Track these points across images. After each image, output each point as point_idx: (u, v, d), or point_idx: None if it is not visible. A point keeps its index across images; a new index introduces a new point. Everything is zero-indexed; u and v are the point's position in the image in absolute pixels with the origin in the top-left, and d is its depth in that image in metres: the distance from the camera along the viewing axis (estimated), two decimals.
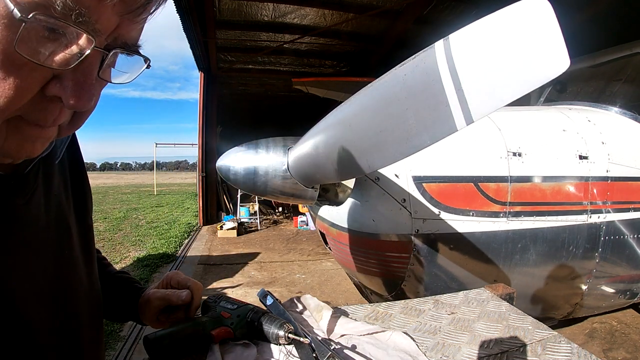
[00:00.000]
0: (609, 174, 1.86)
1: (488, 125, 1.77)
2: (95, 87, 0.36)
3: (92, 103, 0.37)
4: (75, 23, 0.30)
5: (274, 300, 0.89)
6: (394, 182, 1.62)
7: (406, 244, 1.63)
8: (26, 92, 0.33)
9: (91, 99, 0.36)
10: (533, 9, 0.80)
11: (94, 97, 0.37)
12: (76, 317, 0.53)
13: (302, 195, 1.53)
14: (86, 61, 0.33)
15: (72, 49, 0.32)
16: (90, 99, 0.36)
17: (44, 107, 0.35)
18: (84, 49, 0.32)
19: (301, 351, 0.72)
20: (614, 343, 2.61)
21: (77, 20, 0.30)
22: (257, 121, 11.93)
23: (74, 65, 0.33)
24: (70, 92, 0.34)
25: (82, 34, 0.31)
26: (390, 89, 0.99)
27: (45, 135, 0.39)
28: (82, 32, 0.31)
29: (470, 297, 1.07)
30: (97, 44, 0.33)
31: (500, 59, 0.85)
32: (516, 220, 1.71)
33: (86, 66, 0.34)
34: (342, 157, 1.19)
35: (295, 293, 3.87)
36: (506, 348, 0.79)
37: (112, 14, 0.32)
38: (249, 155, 1.51)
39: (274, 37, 5.97)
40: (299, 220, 7.37)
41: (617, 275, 2.04)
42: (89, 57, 0.33)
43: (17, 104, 0.33)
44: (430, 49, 0.91)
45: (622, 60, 2.44)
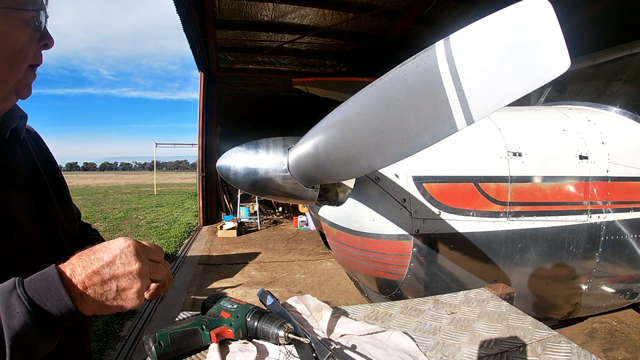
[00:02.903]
0: (609, 174, 1.86)
1: (488, 125, 1.77)
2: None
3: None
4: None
5: (274, 300, 0.89)
6: (394, 182, 1.62)
7: (406, 244, 1.63)
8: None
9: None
10: (533, 9, 0.80)
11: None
12: (57, 234, 0.73)
13: (302, 195, 1.53)
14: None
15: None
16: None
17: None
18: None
19: (301, 351, 0.72)
20: (614, 343, 2.61)
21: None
22: (257, 121, 11.95)
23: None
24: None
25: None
26: (390, 89, 0.99)
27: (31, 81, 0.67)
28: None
29: (470, 297, 1.07)
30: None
31: (500, 59, 0.85)
32: (516, 220, 1.71)
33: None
34: (342, 157, 1.19)
35: (295, 293, 3.87)
36: (506, 348, 0.79)
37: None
38: (249, 155, 1.51)
39: (274, 37, 5.97)
40: (299, 220, 7.37)
41: (617, 275, 2.04)
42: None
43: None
44: (431, 49, 0.91)
45: (622, 60, 2.44)
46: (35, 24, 0.62)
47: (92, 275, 0.51)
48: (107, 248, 0.54)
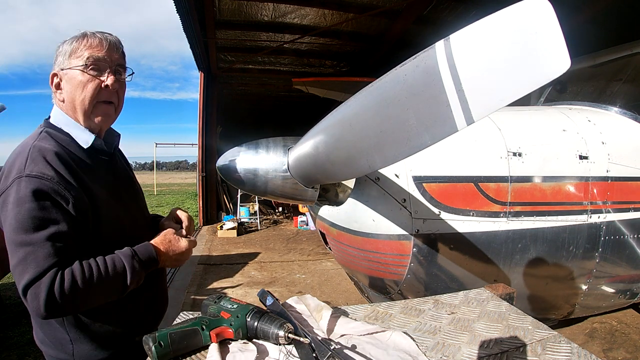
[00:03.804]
0: (609, 174, 1.86)
1: (488, 125, 1.77)
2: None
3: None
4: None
5: (274, 300, 0.89)
6: (394, 182, 1.62)
7: (406, 244, 1.63)
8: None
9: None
10: (534, 10, 0.80)
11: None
12: (141, 214, 1.14)
13: (302, 195, 1.53)
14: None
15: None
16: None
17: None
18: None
19: (301, 351, 0.72)
20: (614, 343, 2.61)
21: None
22: (257, 121, 11.94)
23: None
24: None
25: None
26: (390, 89, 0.99)
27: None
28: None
29: (470, 297, 1.07)
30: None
31: (501, 59, 0.85)
32: (516, 220, 1.71)
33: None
34: (342, 157, 1.19)
35: (295, 293, 3.87)
36: (506, 348, 0.79)
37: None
38: (249, 155, 1.51)
39: (274, 37, 5.97)
40: (299, 220, 7.37)
41: (617, 275, 2.04)
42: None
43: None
44: (431, 49, 0.91)
45: (622, 60, 2.44)
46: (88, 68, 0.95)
47: (166, 248, 0.99)
48: (169, 236, 1.02)
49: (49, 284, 0.78)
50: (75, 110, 0.97)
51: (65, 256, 0.82)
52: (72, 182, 0.88)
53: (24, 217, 0.81)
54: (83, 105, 0.96)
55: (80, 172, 0.91)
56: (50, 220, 0.83)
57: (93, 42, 0.95)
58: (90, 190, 0.91)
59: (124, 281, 0.88)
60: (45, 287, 0.78)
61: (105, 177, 1.00)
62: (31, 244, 0.80)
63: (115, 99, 1.01)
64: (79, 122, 0.98)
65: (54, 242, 0.81)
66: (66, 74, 0.95)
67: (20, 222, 0.81)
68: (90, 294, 0.84)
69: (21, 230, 0.81)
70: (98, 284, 0.83)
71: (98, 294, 0.86)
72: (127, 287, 0.89)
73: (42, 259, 0.79)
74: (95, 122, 0.99)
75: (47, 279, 0.79)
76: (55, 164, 0.87)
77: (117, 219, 0.98)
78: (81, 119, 0.97)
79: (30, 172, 0.84)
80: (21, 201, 0.82)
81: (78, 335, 0.93)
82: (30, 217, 0.81)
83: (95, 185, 0.93)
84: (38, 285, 0.79)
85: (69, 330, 0.93)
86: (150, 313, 1.09)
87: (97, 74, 0.95)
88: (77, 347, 0.94)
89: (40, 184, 0.83)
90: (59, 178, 0.86)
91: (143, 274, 0.92)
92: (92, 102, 0.96)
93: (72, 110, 0.97)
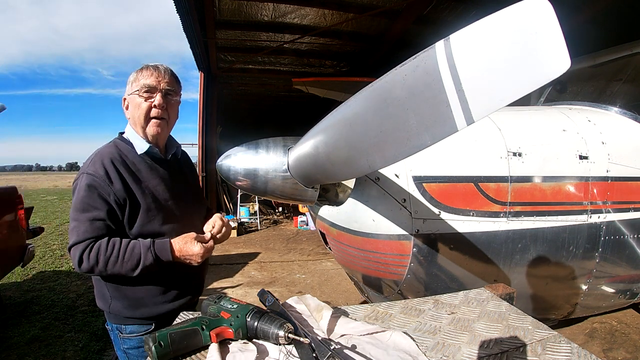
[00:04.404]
0: (609, 174, 1.86)
1: (488, 125, 1.77)
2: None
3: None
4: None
5: (274, 300, 0.89)
6: (394, 182, 1.62)
7: (406, 244, 1.63)
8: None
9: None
10: (534, 10, 0.80)
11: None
12: (185, 216, 1.31)
13: (302, 195, 1.53)
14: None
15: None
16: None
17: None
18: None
19: (301, 351, 0.72)
20: (614, 343, 2.61)
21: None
22: (257, 121, 11.94)
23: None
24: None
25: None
26: (390, 89, 0.99)
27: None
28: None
29: (470, 297, 1.07)
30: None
31: (501, 59, 0.85)
32: (516, 220, 1.71)
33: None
34: (342, 157, 1.19)
35: (295, 293, 3.87)
36: (506, 348, 0.79)
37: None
38: (249, 155, 1.51)
39: (274, 37, 5.97)
40: (299, 220, 7.37)
41: (617, 275, 2.04)
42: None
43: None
44: (431, 49, 0.91)
45: (622, 60, 2.44)
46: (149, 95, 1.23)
47: (180, 248, 1.18)
48: (188, 239, 1.20)
49: (82, 250, 1.10)
50: (136, 125, 1.25)
51: (99, 233, 1.13)
52: (116, 181, 1.15)
53: (78, 200, 1.14)
54: (140, 121, 1.24)
55: (127, 173, 1.19)
56: (93, 206, 1.13)
57: (147, 72, 1.23)
58: (131, 187, 1.18)
59: (136, 265, 1.13)
60: (79, 251, 1.10)
61: (155, 178, 1.26)
62: (78, 220, 1.13)
63: (165, 115, 1.27)
64: (139, 134, 1.26)
65: (92, 222, 1.12)
66: (129, 98, 1.25)
67: (75, 204, 1.15)
68: (109, 265, 1.11)
69: (75, 209, 1.15)
70: (115, 260, 1.12)
71: (114, 267, 1.12)
72: (140, 269, 1.13)
73: (82, 232, 1.12)
74: (150, 134, 1.26)
75: (82, 246, 1.11)
76: (107, 166, 1.16)
77: (160, 210, 1.23)
78: (140, 131, 1.26)
79: (88, 170, 1.16)
80: (80, 189, 1.15)
81: (114, 294, 1.23)
82: (81, 202, 1.13)
83: (139, 183, 1.20)
84: (76, 248, 1.11)
85: (109, 289, 1.23)
86: (177, 293, 1.29)
87: (149, 97, 1.22)
88: (113, 303, 1.23)
89: (92, 180, 1.14)
90: (106, 177, 1.15)
91: (155, 264, 1.14)
92: (146, 119, 1.24)
93: (134, 125, 1.26)
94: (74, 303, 3.64)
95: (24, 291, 3.99)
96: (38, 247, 5.79)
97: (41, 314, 3.39)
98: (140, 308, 1.23)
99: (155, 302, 1.24)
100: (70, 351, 2.72)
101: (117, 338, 1.26)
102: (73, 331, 3.04)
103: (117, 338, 1.26)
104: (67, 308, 3.51)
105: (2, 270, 3.08)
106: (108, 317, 1.28)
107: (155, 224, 1.21)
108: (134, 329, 1.24)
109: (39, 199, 14.72)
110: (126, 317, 1.24)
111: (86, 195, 1.13)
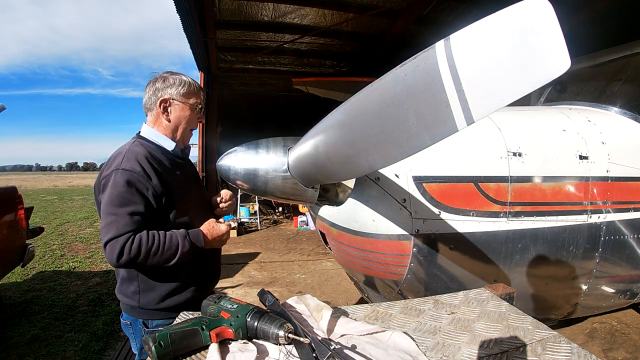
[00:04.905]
0: (609, 174, 1.86)
1: (488, 125, 1.77)
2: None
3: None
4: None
5: (274, 300, 0.89)
6: (394, 182, 1.62)
7: (406, 244, 1.63)
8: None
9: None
10: (534, 9, 0.80)
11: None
12: (206, 205, 1.48)
13: (302, 195, 1.53)
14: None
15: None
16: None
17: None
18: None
19: (301, 351, 0.72)
20: (614, 343, 2.61)
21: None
22: (257, 121, 11.93)
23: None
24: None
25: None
26: (391, 89, 0.99)
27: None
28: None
29: (470, 297, 1.07)
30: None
31: (501, 59, 0.85)
32: (516, 220, 1.71)
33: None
34: (342, 157, 1.19)
35: (295, 293, 3.87)
36: (506, 348, 0.79)
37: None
38: (249, 155, 1.51)
39: (274, 37, 5.96)
40: (299, 220, 7.37)
41: (617, 275, 2.04)
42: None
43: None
44: (431, 49, 0.91)
45: (622, 60, 2.44)
46: (197, 110, 1.39)
47: (210, 233, 1.30)
48: (212, 224, 1.33)
49: (123, 243, 1.13)
50: (175, 130, 1.37)
51: (137, 226, 1.17)
52: (153, 177, 1.22)
53: (115, 196, 1.16)
54: (183, 129, 1.38)
55: (160, 169, 1.27)
56: (132, 201, 1.17)
57: (196, 89, 1.39)
58: (166, 182, 1.26)
59: (175, 253, 1.20)
60: (120, 244, 1.12)
61: (180, 174, 1.36)
62: (116, 214, 1.15)
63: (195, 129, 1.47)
64: (167, 135, 1.37)
65: (132, 216, 1.16)
66: (177, 105, 1.35)
67: (112, 199, 1.16)
68: (150, 256, 1.16)
69: (111, 205, 1.16)
70: (155, 251, 1.17)
71: (154, 257, 1.17)
72: (177, 258, 1.20)
73: (122, 225, 1.14)
74: (185, 140, 1.42)
75: (122, 239, 1.13)
76: (143, 163, 1.23)
77: (187, 203, 1.33)
78: (178, 135, 1.38)
79: (125, 166, 1.20)
80: (116, 185, 1.17)
81: (145, 287, 1.28)
82: (120, 197, 1.16)
83: (171, 179, 1.29)
84: (116, 241, 1.13)
85: (140, 283, 1.27)
86: (200, 280, 1.39)
87: (198, 114, 1.40)
88: (143, 297, 1.28)
89: (130, 175, 1.19)
90: (143, 173, 1.21)
91: (191, 251, 1.23)
92: (189, 131, 1.41)
93: (171, 129, 1.37)
94: (74, 303, 3.65)
95: (24, 291, 3.99)
96: (38, 247, 5.79)
97: (41, 314, 3.39)
98: (169, 298, 1.30)
99: (184, 292, 1.32)
100: (70, 351, 2.72)
101: (140, 332, 1.31)
102: (73, 331, 3.05)
103: (139, 332, 1.31)
104: (67, 308, 3.51)
105: (2, 270, 3.08)
106: (133, 313, 1.31)
107: (185, 214, 1.32)
108: (159, 322, 1.30)
109: (39, 199, 14.72)
110: (154, 310, 1.29)
111: (125, 190, 1.17)
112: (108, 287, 4.14)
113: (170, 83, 1.34)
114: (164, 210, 1.25)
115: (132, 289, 1.28)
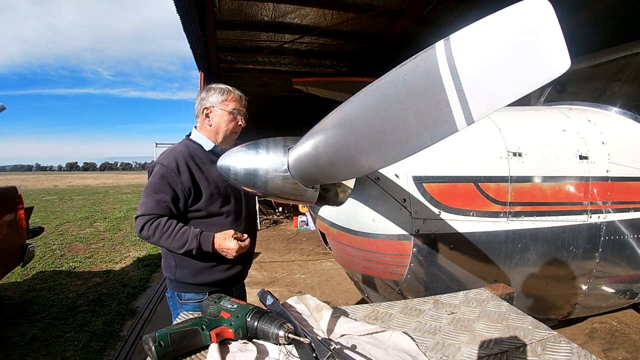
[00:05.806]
0: (609, 174, 1.86)
1: (488, 125, 1.77)
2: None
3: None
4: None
5: (274, 300, 0.89)
6: (394, 182, 1.62)
7: (406, 244, 1.63)
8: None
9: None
10: (534, 9, 0.80)
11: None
12: (246, 213, 1.68)
13: (302, 195, 1.53)
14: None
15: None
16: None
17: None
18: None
19: (301, 351, 0.72)
20: (614, 343, 2.61)
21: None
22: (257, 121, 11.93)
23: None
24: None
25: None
26: (390, 89, 0.99)
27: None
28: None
29: (470, 297, 1.07)
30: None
31: (501, 59, 0.85)
32: (516, 220, 1.71)
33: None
34: (342, 157, 1.19)
35: (295, 293, 3.87)
36: (506, 348, 0.79)
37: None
38: (249, 155, 1.51)
39: (274, 37, 5.96)
40: (299, 220, 7.37)
41: (617, 275, 2.04)
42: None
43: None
44: (431, 49, 0.91)
45: (622, 60, 2.44)
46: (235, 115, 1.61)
47: (220, 242, 1.43)
48: (227, 236, 1.44)
49: (146, 221, 1.41)
50: (217, 133, 1.60)
51: (160, 212, 1.43)
52: (184, 173, 1.46)
53: (152, 183, 1.46)
54: (224, 133, 1.60)
55: (195, 166, 1.50)
56: (162, 190, 1.44)
57: (235, 96, 1.61)
58: (196, 178, 1.49)
59: (182, 245, 1.41)
60: (143, 221, 1.41)
61: (216, 170, 1.47)
62: (149, 197, 1.45)
63: (239, 131, 1.66)
64: (210, 138, 1.60)
65: (159, 202, 1.43)
66: (217, 111, 1.58)
67: (149, 185, 1.47)
68: (162, 239, 1.41)
69: (147, 189, 1.47)
70: (167, 237, 1.40)
71: (165, 241, 1.41)
72: (184, 250, 1.41)
73: (150, 207, 1.43)
74: (228, 141, 1.63)
75: (146, 218, 1.41)
76: (179, 161, 1.48)
77: (219, 195, 1.53)
78: (219, 138, 1.60)
79: (163, 162, 1.48)
80: (154, 175, 1.47)
81: (180, 263, 1.51)
82: (154, 185, 1.45)
83: (204, 175, 1.51)
84: (142, 218, 1.42)
85: (175, 259, 1.51)
86: (233, 262, 1.54)
87: (237, 117, 1.61)
88: (178, 271, 1.52)
89: (165, 170, 1.46)
90: (176, 169, 1.46)
91: (198, 249, 1.42)
92: (230, 133, 1.62)
93: (214, 132, 1.59)
94: (74, 303, 3.65)
95: (24, 291, 3.99)
96: (38, 247, 5.79)
97: (41, 314, 3.39)
98: (200, 275, 1.51)
99: (212, 271, 1.52)
100: (70, 351, 2.73)
101: (177, 304, 1.54)
102: (73, 331, 3.05)
103: (176, 304, 1.55)
104: (67, 308, 3.51)
105: (2, 270, 3.08)
106: (170, 286, 1.56)
107: (216, 206, 1.53)
108: (191, 296, 1.53)
109: (39, 199, 14.73)
110: (187, 284, 1.52)
111: (159, 181, 1.44)
112: (108, 287, 4.15)
113: (211, 93, 1.59)
114: (193, 201, 1.49)
115: (171, 263, 1.52)
